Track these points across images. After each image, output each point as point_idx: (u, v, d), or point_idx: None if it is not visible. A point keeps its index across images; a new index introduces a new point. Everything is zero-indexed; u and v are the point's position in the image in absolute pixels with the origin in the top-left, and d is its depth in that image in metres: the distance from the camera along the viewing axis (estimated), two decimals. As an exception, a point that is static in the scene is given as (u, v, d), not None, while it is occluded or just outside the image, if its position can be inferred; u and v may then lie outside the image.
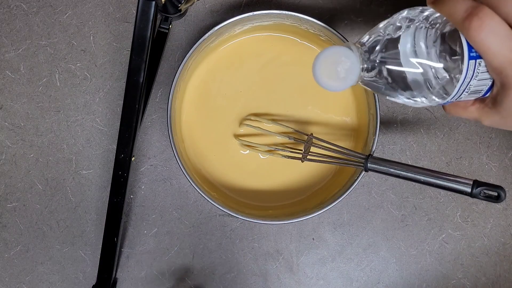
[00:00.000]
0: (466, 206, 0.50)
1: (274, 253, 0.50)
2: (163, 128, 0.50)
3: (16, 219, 0.50)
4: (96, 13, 0.50)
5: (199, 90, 0.48)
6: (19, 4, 0.50)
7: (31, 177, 0.50)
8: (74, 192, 0.50)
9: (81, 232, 0.50)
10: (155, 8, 0.37)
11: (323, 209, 0.43)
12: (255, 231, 0.50)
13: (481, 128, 0.50)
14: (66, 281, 0.50)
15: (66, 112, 0.50)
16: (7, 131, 0.50)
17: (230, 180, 0.48)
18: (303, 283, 0.50)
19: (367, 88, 0.32)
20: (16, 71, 0.50)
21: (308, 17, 0.43)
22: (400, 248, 0.50)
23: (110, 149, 0.50)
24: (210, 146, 0.48)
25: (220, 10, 0.50)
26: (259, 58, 0.48)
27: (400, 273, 0.50)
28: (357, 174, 0.43)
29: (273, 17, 0.44)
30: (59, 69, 0.50)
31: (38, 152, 0.50)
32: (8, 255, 0.50)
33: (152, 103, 0.50)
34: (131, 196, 0.50)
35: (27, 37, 0.50)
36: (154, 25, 0.38)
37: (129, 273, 0.50)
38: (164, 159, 0.50)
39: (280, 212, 0.46)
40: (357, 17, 0.50)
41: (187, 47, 0.48)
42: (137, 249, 0.50)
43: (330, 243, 0.50)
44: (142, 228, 0.50)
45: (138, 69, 0.39)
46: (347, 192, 0.43)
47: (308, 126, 0.48)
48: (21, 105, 0.50)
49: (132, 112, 0.41)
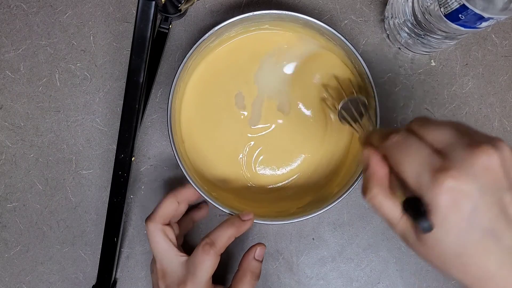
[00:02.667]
0: (466, 206, 0.50)
1: (274, 253, 0.50)
2: (163, 128, 0.50)
3: (16, 219, 0.50)
4: (96, 13, 0.50)
5: (199, 90, 0.48)
6: (19, 4, 0.50)
7: (31, 177, 0.50)
8: (74, 192, 0.50)
9: (81, 232, 0.50)
10: (155, 8, 0.37)
11: (323, 209, 0.43)
12: (255, 231, 0.50)
13: (481, 128, 0.50)
14: (66, 281, 0.50)
15: (66, 112, 0.50)
16: (7, 131, 0.50)
17: (230, 180, 0.48)
18: (303, 283, 0.50)
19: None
20: (16, 71, 0.50)
21: (308, 17, 0.43)
22: (400, 248, 0.50)
23: (110, 149, 0.50)
24: (210, 146, 0.48)
25: (220, 10, 0.50)
26: (259, 57, 0.48)
27: (400, 273, 0.50)
28: (357, 174, 0.43)
29: (273, 17, 0.44)
30: (59, 69, 0.50)
31: (38, 152, 0.50)
32: (8, 255, 0.50)
33: (152, 103, 0.50)
34: (131, 196, 0.50)
35: (27, 37, 0.50)
36: (154, 25, 0.38)
37: (129, 273, 0.50)
38: (164, 159, 0.50)
39: (280, 212, 0.46)
40: (357, 17, 0.50)
41: (187, 47, 0.48)
42: (137, 249, 0.50)
43: (330, 243, 0.50)
44: (142, 228, 0.50)
45: (138, 69, 0.39)
46: (347, 192, 0.43)
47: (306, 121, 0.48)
48: (21, 105, 0.50)
49: (132, 112, 0.41)
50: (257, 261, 0.43)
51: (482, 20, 0.36)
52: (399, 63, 0.50)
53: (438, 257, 0.29)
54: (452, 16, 0.38)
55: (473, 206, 0.26)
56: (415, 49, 0.48)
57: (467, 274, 0.28)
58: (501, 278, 0.27)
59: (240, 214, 0.42)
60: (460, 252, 0.27)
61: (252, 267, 0.42)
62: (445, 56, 0.50)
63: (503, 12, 0.36)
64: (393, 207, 0.31)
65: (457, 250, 0.27)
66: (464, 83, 0.50)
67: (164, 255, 0.42)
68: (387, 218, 0.31)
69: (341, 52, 0.45)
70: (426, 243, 0.29)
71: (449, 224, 0.27)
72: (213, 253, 0.39)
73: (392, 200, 0.31)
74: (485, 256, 0.27)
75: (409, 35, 0.46)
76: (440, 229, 0.27)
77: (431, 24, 0.41)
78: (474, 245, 0.27)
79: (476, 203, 0.26)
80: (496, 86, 0.50)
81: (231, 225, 0.41)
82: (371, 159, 0.32)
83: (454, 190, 0.26)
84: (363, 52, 0.50)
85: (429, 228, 0.27)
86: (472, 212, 0.26)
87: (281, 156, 0.48)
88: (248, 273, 0.42)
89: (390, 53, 0.50)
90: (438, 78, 0.50)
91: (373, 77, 0.43)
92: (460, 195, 0.26)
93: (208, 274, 0.40)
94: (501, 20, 0.37)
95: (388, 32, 0.49)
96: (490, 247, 0.27)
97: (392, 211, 0.31)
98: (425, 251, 0.29)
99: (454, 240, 0.27)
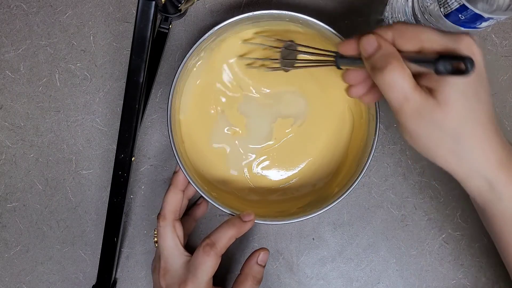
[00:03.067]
0: (466, 206, 0.50)
1: (274, 253, 0.50)
2: (163, 128, 0.50)
3: (16, 219, 0.50)
4: (96, 13, 0.50)
5: (199, 90, 0.48)
6: (19, 4, 0.50)
7: (31, 177, 0.50)
8: (74, 192, 0.50)
9: (81, 232, 0.50)
10: (155, 8, 0.37)
11: (323, 209, 0.43)
12: (255, 231, 0.50)
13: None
14: (66, 281, 0.50)
15: (66, 112, 0.50)
16: (7, 131, 0.50)
17: (231, 181, 0.48)
18: (303, 283, 0.50)
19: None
20: (16, 71, 0.50)
21: (308, 17, 0.42)
22: (400, 248, 0.50)
23: (110, 149, 0.50)
24: (210, 146, 0.48)
25: (220, 10, 0.50)
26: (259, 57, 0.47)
27: (400, 273, 0.50)
28: (357, 174, 0.43)
29: (273, 17, 0.44)
30: (59, 69, 0.50)
31: (38, 152, 0.50)
32: (8, 255, 0.50)
33: (152, 103, 0.50)
34: (131, 196, 0.50)
35: (27, 37, 0.50)
36: (154, 25, 0.38)
37: (129, 273, 0.50)
38: (164, 159, 0.50)
39: (280, 212, 0.46)
40: (357, 17, 0.50)
41: (187, 47, 0.48)
42: (137, 249, 0.50)
43: (330, 243, 0.50)
44: (142, 228, 0.50)
45: (138, 69, 0.39)
46: (347, 192, 0.43)
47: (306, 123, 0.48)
48: (21, 105, 0.50)
49: (132, 112, 0.41)
50: (260, 266, 0.43)
51: (482, 20, 0.36)
52: (399, 63, 0.50)
53: (436, 138, 0.33)
54: (452, 16, 0.38)
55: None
56: (415, 49, 0.48)
57: (460, 167, 0.34)
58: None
59: (241, 214, 0.42)
60: (457, 132, 0.32)
61: (254, 272, 0.42)
62: (445, 56, 0.50)
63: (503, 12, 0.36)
64: (408, 80, 0.32)
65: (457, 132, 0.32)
66: (464, 83, 0.50)
67: (171, 252, 0.42)
68: (400, 94, 0.32)
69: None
70: (435, 115, 0.32)
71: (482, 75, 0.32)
72: (213, 254, 0.39)
73: (408, 73, 0.32)
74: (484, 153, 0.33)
75: (409, 35, 0.46)
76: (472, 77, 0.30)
77: (431, 24, 0.41)
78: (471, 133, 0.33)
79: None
80: (496, 86, 0.50)
81: (232, 226, 0.41)
82: (381, 40, 0.33)
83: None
84: (363, 52, 0.50)
85: (471, 67, 0.29)
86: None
87: (286, 160, 0.49)
88: (250, 278, 0.42)
89: (390, 53, 0.50)
90: (438, 78, 0.50)
91: (373, 77, 0.43)
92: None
93: (208, 275, 0.40)
94: (501, 20, 0.37)
95: (388, 32, 0.49)
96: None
97: (407, 85, 0.32)
98: (425, 128, 0.32)
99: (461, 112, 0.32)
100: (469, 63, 0.29)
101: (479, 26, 0.38)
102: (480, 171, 0.33)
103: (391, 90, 0.32)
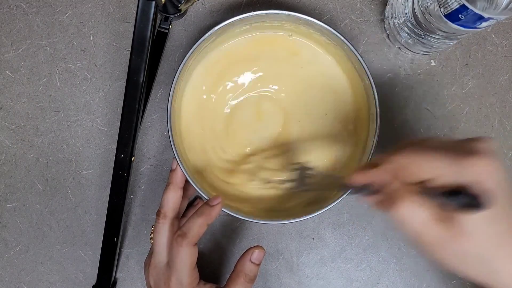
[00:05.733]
0: (466, 206, 0.50)
1: (274, 253, 0.50)
2: (163, 128, 0.50)
3: (16, 219, 0.50)
4: (96, 13, 0.50)
5: (199, 90, 0.48)
6: (19, 4, 0.50)
7: (31, 177, 0.50)
8: (74, 192, 0.50)
9: (81, 232, 0.50)
10: (155, 8, 0.37)
11: (323, 209, 0.42)
12: (255, 231, 0.50)
13: (481, 128, 0.50)
14: (66, 281, 0.50)
15: (66, 112, 0.50)
16: (7, 131, 0.50)
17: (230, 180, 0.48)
18: (303, 283, 0.50)
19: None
20: (16, 71, 0.50)
21: (308, 17, 0.42)
22: (400, 248, 0.50)
23: (110, 149, 0.50)
24: (210, 146, 0.48)
25: (220, 10, 0.50)
26: (259, 57, 0.48)
27: (400, 273, 0.50)
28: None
29: (273, 17, 0.44)
30: (59, 69, 0.50)
31: (38, 152, 0.50)
32: (8, 255, 0.50)
33: (152, 103, 0.50)
34: (131, 196, 0.50)
35: (27, 37, 0.50)
36: (154, 25, 0.38)
37: (129, 273, 0.50)
38: (164, 159, 0.50)
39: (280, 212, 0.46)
40: (357, 17, 0.50)
41: (187, 47, 0.48)
42: (137, 249, 0.50)
43: (330, 243, 0.50)
44: (142, 228, 0.50)
45: (138, 69, 0.39)
46: (347, 192, 0.43)
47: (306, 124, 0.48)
48: (21, 105, 0.50)
49: (132, 112, 0.41)
50: (253, 264, 0.42)
51: (482, 20, 0.36)
52: (399, 63, 0.50)
53: (462, 262, 0.31)
54: (452, 16, 0.38)
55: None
56: (415, 49, 0.48)
57: (495, 281, 0.31)
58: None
59: (209, 200, 0.42)
60: (483, 254, 0.30)
61: (246, 269, 0.42)
62: (445, 56, 0.50)
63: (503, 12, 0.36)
64: (420, 215, 0.30)
65: (481, 252, 0.30)
66: (464, 83, 0.50)
67: (162, 249, 0.42)
68: (417, 227, 0.30)
69: (341, 52, 0.45)
70: (456, 245, 0.30)
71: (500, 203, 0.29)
72: (186, 244, 0.39)
73: (419, 206, 0.30)
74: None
75: (409, 35, 0.46)
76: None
77: (431, 24, 0.41)
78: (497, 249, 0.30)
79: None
80: (496, 86, 0.50)
81: (200, 214, 0.41)
82: (384, 178, 0.32)
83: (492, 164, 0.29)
84: (363, 52, 0.50)
85: (487, 201, 0.28)
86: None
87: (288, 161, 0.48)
88: (242, 275, 0.42)
89: (390, 53, 0.50)
90: (438, 78, 0.50)
91: (373, 77, 0.43)
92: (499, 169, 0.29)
93: (187, 265, 0.40)
94: (501, 20, 0.37)
95: (388, 32, 0.50)
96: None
97: (419, 220, 0.30)
98: (449, 255, 0.31)
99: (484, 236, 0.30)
100: (483, 199, 0.27)
101: (479, 26, 0.38)
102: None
103: (404, 227, 0.31)
